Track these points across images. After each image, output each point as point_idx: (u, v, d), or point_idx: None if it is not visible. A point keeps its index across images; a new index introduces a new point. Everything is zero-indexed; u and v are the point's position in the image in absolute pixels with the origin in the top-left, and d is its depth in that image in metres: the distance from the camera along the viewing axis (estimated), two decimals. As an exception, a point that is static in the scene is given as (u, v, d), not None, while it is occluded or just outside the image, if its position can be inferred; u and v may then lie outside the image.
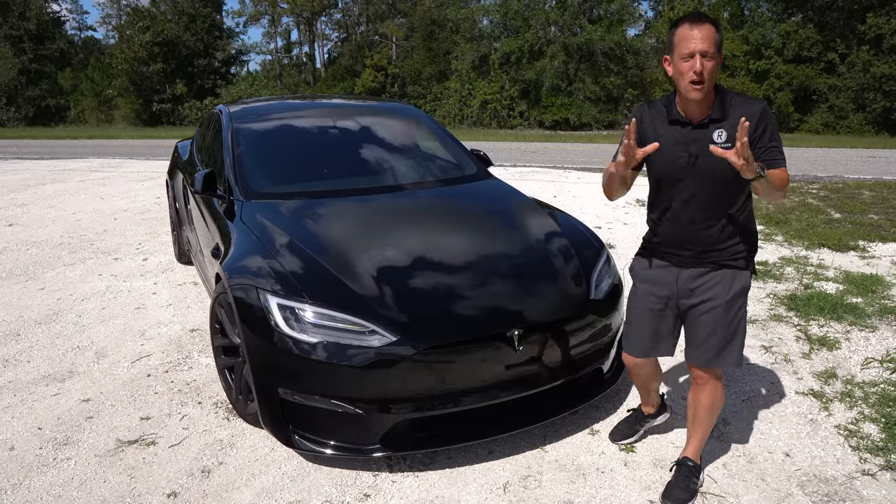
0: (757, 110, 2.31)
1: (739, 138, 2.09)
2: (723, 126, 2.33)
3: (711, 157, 2.28)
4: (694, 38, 2.25)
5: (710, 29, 2.26)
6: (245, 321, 2.97)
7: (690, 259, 2.55)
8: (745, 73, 29.74)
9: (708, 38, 2.24)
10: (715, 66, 2.28)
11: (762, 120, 2.31)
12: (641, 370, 2.86)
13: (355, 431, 2.81)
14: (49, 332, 4.56)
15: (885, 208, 8.71)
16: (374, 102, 6.52)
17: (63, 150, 19.06)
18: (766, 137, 2.32)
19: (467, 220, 3.90)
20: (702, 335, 2.57)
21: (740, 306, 2.54)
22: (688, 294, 2.57)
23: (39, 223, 8.22)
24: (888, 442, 3.07)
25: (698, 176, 2.40)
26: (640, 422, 3.09)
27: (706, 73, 2.26)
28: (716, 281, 2.52)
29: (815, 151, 17.07)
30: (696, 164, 2.38)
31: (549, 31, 31.28)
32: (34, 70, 40.76)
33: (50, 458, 3.03)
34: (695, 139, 2.37)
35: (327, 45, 44.84)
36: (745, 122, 2.07)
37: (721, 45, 2.29)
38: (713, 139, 2.34)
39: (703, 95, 2.31)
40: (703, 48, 2.24)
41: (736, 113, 2.31)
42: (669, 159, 2.43)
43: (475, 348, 2.80)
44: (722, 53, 2.31)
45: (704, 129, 2.36)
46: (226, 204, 3.92)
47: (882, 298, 5.01)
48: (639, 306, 2.71)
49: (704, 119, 2.36)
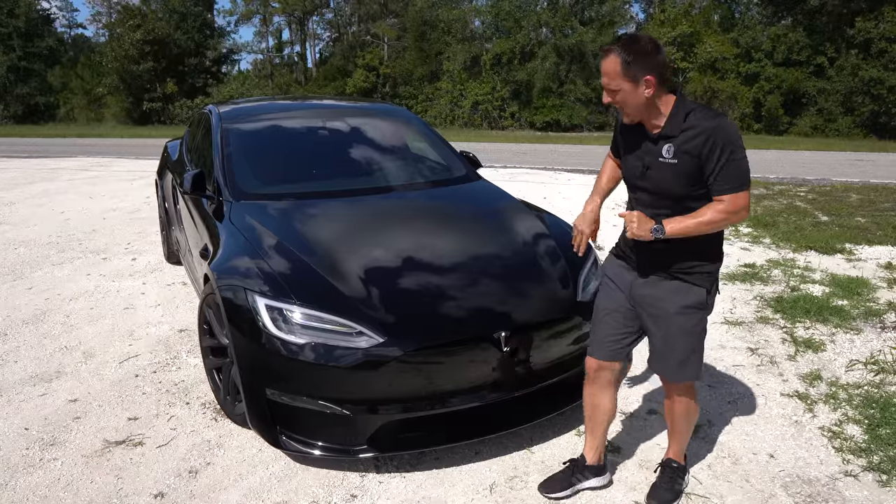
0: (708, 127, 2.21)
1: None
2: (672, 142, 2.28)
3: (660, 170, 2.31)
4: (601, 71, 2.30)
5: (611, 62, 2.23)
6: (233, 322, 2.98)
7: (643, 265, 2.51)
8: (735, 75, 29.91)
9: (607, 72, 2.25)
10: (626, 93, 2.25)
11: (711, 138, 2.20)
12: (599, 381, 2.69)
13: (343, 432, 2.82)
14: (37, 331, 4.54)
15: (872, 211, 8.78)
16: (364, 104, 6.54)
17: (52, 148, 18.95)
18: (714, 158, 2.20)
19: (455, 221, 3.92)
20: (658, 347, 2.53)
21: (696, 322, 2.45)
22: (641, 300, 2.52)
23: (27, 222, 8.18)
24: (871, 443, 3.10)
25: (650, 187, 2.39)
26: (578, 474, 2.78)
27: (615, 103, 2.30)
28: (667, 291, 2.45)
29: (803, 154, 17.18)
30: (648, 175, 2.38)
31: (541, 32, 31.40)
32: (23, 68, 40.54)
33: (36, 459, 3.02)
34: (648, 151, 2.37)
35: (319, 45, 44.82)
36: (620, 215, 2.29)
37: (629, 71, 2.21)
38: (662, 154, 2.31)
39: (630, 119, 2.35)
40: (604, 81, 2.29)
41: (688, 130, 2.25)
42: (629, 166, 2.47)
43: (462, 350, 2.82)
44: (645, 74, 2.21)
45: (655, 143, 2.34)
46: (215, 204, 3.92)
47: (867, 301, 5.05)
48: (600, 306, 2.67)
49: (657, 133, 2.33)
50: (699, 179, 2.27)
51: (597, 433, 2.78)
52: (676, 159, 2.28)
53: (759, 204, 9.29)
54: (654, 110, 2.30)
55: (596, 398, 2.73)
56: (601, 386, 2.70)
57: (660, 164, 2.32)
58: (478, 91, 31.26)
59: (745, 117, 29.36)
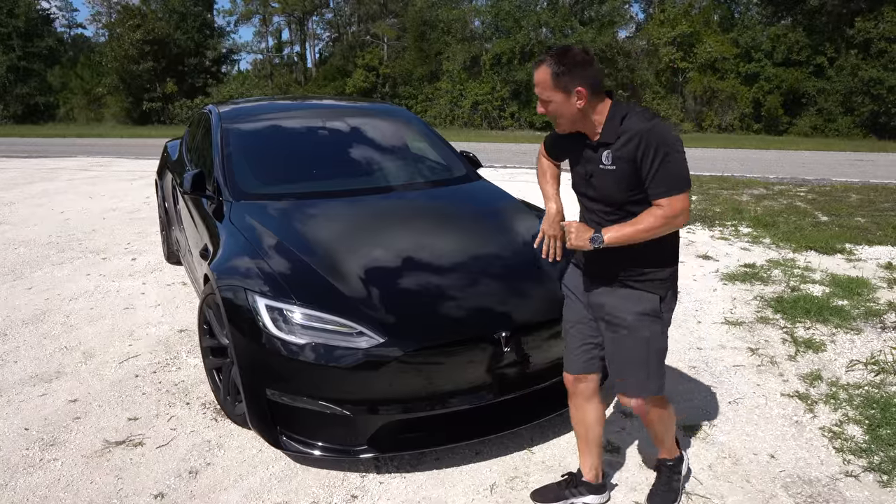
0: (640, 130, 2.19)
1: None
2: (610, 148, 2.27)
3: (601, 177, 2.30)
4: (534, 82, 2.31)
5: (542, 72, 2.24)
6: (233, 322, 2.98)
7: (594, 274, 2.47)
8: (734, 75, 29.91)
9: (539, 83, 2.26)
10: (557, 104, 2.25)
11: (644, 141, 2.17)
12: (579, 395, 2.63)
13: (343, 432, 2.82)
14: (36, 332, 4.53)
15: (872, 211, 8.78)
16: (364, 104, 6.54)
17: (52, 148, 18.95)
18: (648, 161, 2.18)
19: (455, 221, 3.92)
20: (613, 359, 2.47)
21: (652, 333, 2.38)
22: (597, 308, 2.47)
23: (27, 222, 8.17)
24: (871, 444, 3.10)
25: (595, 194, 2.37)
26: (573, 488, 2.70)
27: (548, 114, 2.30)
28: (620, 298, 2.39)
29: (803, 154, 17.18)
30: (592, 183, 2.36)
31: (541, 32, 31.34)
32: (23, 68, 40.49)
33: (36, 459, 3.02)
34: (590, 159, 2.35)
35: (318, 45, 44.80)
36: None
37: (560, 82, 2.21)
38: (602, 161, 2.30)
39: (563, 130, 2.35)
40: (537, 91, 2.29)
41: (623, 136, 2.23)
42: (575, 174, 2.45)
43: (463, 350, 2.82)
44: (577, 85, 2.20)
45: (595, 151, 2.32)
46: (215, 204, 3.91)
47: (867, 301, 5.05)
48: (566, 318, 2.64)
49: (596, 140, 2.31)
50: (638, 184, 2.24)
51: (589, 448, 2.69)
52: (615, 165, 2.26)
53: (759, 204, 9.30)
54: (588, 120, 2.29)
55: (580, 413, 2.67)
56: (583, 400, 2.64)
57: (600, 171, 2.30)
58: (477, 91, 31.24)
59: (744, 117, 29.38)
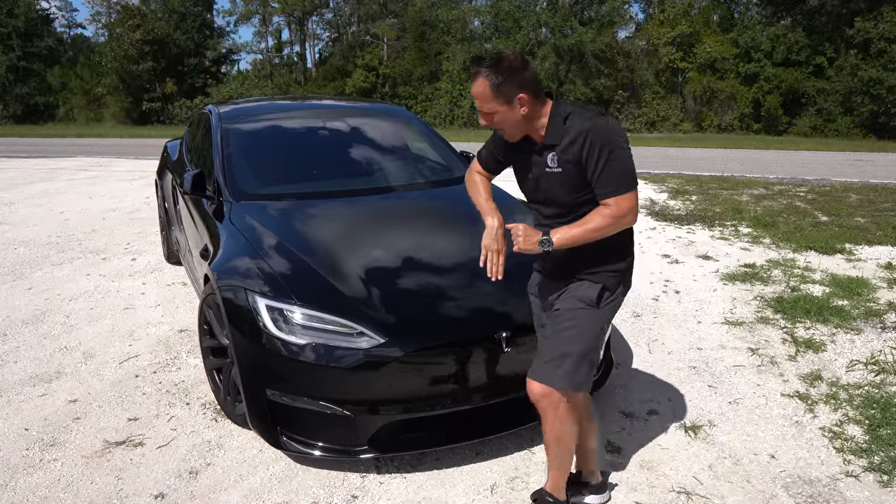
0: (583, 129, 2.16)
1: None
2: (555, 150, 2.22)
3: (548, 180, 2.27)
4: (473, 95, 2.24)
5: (480, 85, 2.17)
6: (233, 322, 2.97)
7: (551, 275, 2.45)
8: (734, 75, 29.95)
9: (478, 96, 2.19)
10: (502, 114, 2.20)
11: (587, 141, 2.14)
12: None
13: (343, 433, 2.82)
14: (36, 332, 4.53)
15: (872, 211, 8.79)
16: (364, 104, 6.54)
17: (51, 148, 18.95)
18: (593, 160, 2.14)
19: (456, 221, 3.90)
20: (540, 342, 2.47)
21: (581, 320, 2.31)
22: (549, 308, 2.46)
23: (27, 222, 8.17)
24: (872, 444, 3.10)
25: (543, 198, 2.35)
26: (575, 490, 2.67)
27: (493, 125, 2.26)
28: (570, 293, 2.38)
29: (802, 154, 17.19)
30: (539, 187, 2.33)
31: (540, 32, 31.36)
32: (22, 68, 40.54)
33: (36, 460, 3.02)
34: (536, 163, 2.31)
35: (318, 45, 44.82)
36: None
37: (500, 92, 2.15)
38: (547, 163, 2.26)
39: (511, 137, 2.30)
40: (478, 104, 2.22)
41: (566, 136, 2.20)
42: (523, 180, 2.41)
43: (463, 350, 2.81)
44: (518, 92, 2.16)
45: (541, 154, 2.29)
46: (215, 205, 3.91)
47: (867, 301, 5.05)
48: (536, 324, 2.62)
49: (541, 144, 2.28)
50: (585, 185, 2.21)
51: (584, 450, 2.66)
52: (560, 168, 2.23)
53: (759, 204, 9.30)
54: (533, 124, 2.25)
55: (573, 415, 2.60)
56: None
57: (547, 175, 2.27)
58: (477, 91, 31.26)
59: (744, 117, 29.41)
